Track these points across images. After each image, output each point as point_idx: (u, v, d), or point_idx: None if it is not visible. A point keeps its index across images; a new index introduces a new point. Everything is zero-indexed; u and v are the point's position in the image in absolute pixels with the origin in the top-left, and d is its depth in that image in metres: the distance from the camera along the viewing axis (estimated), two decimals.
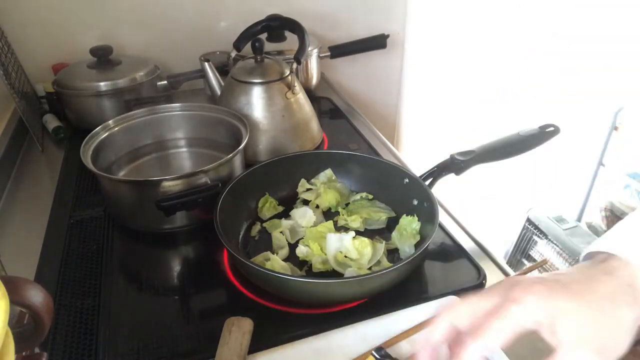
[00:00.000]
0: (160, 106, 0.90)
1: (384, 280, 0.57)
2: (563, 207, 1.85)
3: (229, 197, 0.68)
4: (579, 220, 1.93)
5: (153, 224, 0.73)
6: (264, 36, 0.98)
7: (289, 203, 0.78)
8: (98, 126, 0.85)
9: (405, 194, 0.73)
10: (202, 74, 1.04)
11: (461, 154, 0.73)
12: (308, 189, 0.80)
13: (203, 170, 0.70)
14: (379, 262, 0.66)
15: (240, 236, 0.72)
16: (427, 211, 0.67)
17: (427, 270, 0.67)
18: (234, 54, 0.99)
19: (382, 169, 0.77)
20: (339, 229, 0.73)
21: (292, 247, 0.69)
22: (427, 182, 0.72)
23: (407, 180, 0.73)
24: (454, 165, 0.72)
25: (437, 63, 1.59)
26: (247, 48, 0.96)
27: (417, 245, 0.67)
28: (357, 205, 0.76)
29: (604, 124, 1.84)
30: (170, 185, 0.69)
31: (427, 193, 0.68)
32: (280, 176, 0.79)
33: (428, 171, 0.73)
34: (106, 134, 0.82)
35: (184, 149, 0.92)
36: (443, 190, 0.83)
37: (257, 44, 0.90)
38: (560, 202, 1.88)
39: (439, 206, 0.66)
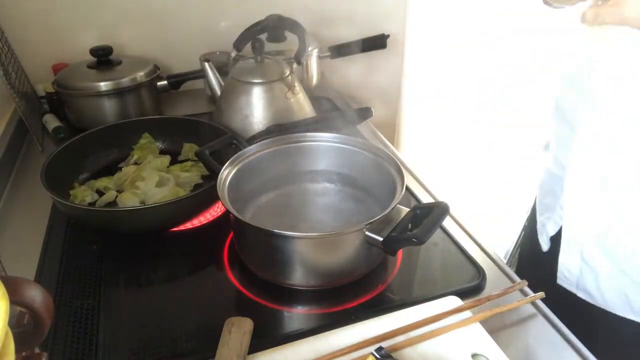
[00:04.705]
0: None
1: None
2: None
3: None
4: None
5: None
6: (264, 36, 0.98)
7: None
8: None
9: None
10: (202, 74, 1.04)
11: None
12: None
13: None
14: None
15: None
16: None
17: (427, 270, 0.67)
18: (234, 54, 0.99)
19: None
20: None
21: None
22: None
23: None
24: None
25: (437, 63, 1.59)
26: (247, 48, 0.96)
27: None
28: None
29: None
30: None
31: None
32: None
33: None
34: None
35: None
36: (443, 190, 0.83)
37: (257, 44, 0.90)
38: None
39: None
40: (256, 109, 0.89)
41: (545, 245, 0.77)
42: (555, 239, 0.74)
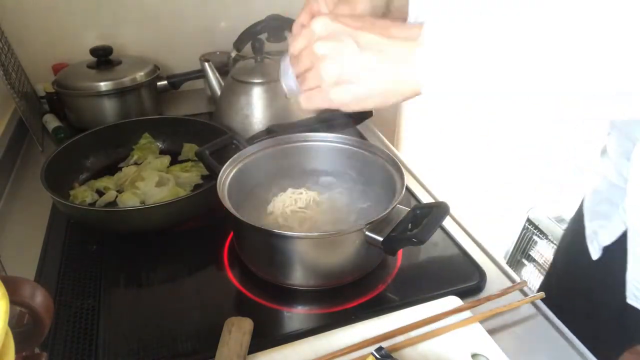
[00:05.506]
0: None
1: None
2: (563, 207, 1.85)
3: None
4: None
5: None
6: (264, 36, 0.98)
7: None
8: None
9: None
10: (202, 74, 1.04)
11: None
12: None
13: None
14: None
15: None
16: None
17: (427, 270, 0.67)
18: (234, 54, 0.99)
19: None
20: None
21: None
22: None
23: None
24: None
25: None
26: (247, 48, 0.96)
27: None
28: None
29: (605, 123, 1.84)
30: None
31: None
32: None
33: None
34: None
35: None
36: (443, 190, 0.83)
37: (257, 44, 0.90)
38: (560, 202, 1.88)
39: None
40: (256, 109, 0.89)
41: (595, 254, 0.71)
42: (607, 248, 0.69)
